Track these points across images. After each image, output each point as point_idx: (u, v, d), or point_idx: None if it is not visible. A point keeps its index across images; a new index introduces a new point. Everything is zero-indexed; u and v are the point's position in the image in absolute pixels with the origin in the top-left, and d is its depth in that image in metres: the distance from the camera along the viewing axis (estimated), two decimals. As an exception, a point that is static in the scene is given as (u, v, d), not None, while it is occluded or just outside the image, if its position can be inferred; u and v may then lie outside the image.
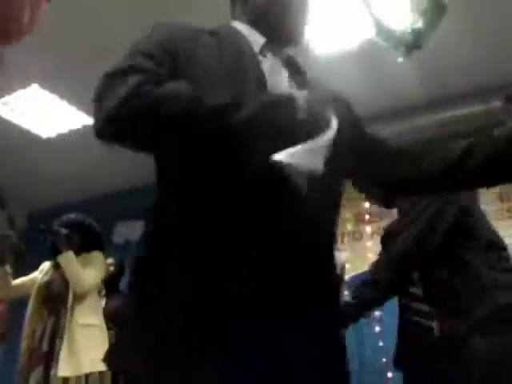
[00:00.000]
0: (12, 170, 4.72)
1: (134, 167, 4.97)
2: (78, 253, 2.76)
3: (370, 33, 2.36)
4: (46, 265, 2.96)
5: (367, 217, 4.12)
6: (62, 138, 4.35)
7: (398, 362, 2.45)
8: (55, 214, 5.43)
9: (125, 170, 4.98)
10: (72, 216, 2.93)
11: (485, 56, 3.46)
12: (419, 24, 2.17)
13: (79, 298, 2.66)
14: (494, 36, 3.28)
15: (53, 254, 2.86)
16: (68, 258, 2.68)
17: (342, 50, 3.29)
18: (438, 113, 3.84)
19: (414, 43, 2.19)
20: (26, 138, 4.33)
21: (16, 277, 5.45)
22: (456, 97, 3.82)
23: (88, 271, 2.70)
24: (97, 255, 2.86)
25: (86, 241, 2.86)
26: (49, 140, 4.39)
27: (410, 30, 2.18)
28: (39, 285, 2.81)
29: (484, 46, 3.36)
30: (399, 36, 2.21)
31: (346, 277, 2.74)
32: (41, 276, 2.87)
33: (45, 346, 2.58)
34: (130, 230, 5.35)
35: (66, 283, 2.69)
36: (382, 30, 2.26)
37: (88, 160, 4.79)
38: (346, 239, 4.25)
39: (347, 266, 4.35)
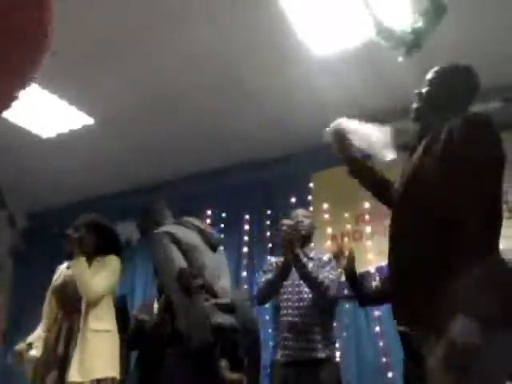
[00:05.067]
0: (12, 169, 4.72)
1: (134, 168, 4.98)
2: (93, 255, 2.71)
3: (370, 33, 2.36)
4: (61, 267, 2.89)
5: (367, 217, 4.11)
6: (61, 137, 4.35)
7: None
8: (55, 213, 5.46)
9: (125, 170, 4.99)
10: (89, 216, 2.84)
11: (485, 56, 3.46)
12: (420, 24, 2.18)
13: (92, 302, 2.61)
14: (493, 36, 3.28)
15: (67, 255, 2.79)
16: (78, 265, 2.61)
17: (342, 50, 3.29)
18: (437, 113, 3.83)
19: (414, 43, 2.20)
20: (26, 138, 4.33)
21: (15, 277, 5.46)
22: (456, 97, 3.81)
23: (98, 278, 2.62)
24: (112, 259, 2.76)
25: (102, 243, 2.78)
26: (49, 140, 4.39)
27: (410, 30, 2.19)
28: (54, 288, 2.77)
29: (484, 45, 3.36)
30: (399, 36, 2.22)
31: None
32: (55, 278, 2.83)
33: (60, 351, 2.55)
34: (129, 230, 5.35)
35: None
36: (382, 30, 2.26)
37: (88, 160, 4.79)
38: (345, 239, 4.25)
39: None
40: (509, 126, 3.84)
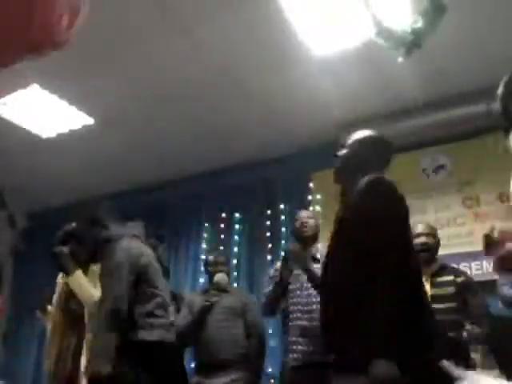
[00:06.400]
0: (12, 169, 4.72)
1: (134, 168, 4.98)
2: (88, 263, 2.64)
3: (370, 33, 2.36)
4: (59, 281, 2.80)
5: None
6: (61, 137, 4.35)
7: None
8: (55, 213, 5.45)
9: (125, 170, 4.99)
10: (71, 226, 2.74)
11: (485, 56, 3.46)
12: (419, 24, 2.18)
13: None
14: (494, 36, 3.28)
15: (62, 269, 2.69)
16: (76, 279, 2.53)
17: (342, 50, 3.29)
18: (437, 113, 3.83)
19: (414, 43, 2.20)
20: (26, 138, 4.33)
21: (15, 276, 5.46)
22: (456, 97, 3.82)
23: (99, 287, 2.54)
24: None
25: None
26: (49, 140, 4.39)
27: (410, 30, 2.19)
28: (58, 303, 2.71)
29: (484, 45, 3.36)
30: (399, 36, 2.22)
31: None
32: (59, 291, 2.78)
33: (69, 366, 2.51)
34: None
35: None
36: (381, 30, 2.26)
37: (88, 160, 4.79)
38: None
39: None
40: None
